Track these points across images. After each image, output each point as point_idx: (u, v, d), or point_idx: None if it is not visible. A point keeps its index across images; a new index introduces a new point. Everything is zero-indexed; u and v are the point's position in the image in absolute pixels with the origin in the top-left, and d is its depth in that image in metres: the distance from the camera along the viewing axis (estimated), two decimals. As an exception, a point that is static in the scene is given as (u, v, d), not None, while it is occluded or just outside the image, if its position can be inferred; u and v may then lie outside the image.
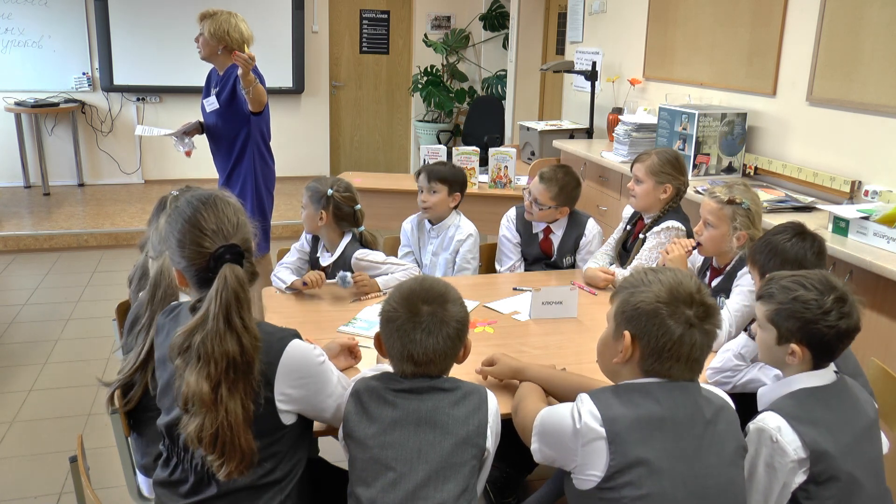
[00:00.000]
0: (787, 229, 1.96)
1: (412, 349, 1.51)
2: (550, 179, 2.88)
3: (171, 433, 1.55)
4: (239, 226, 1.54)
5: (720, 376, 1.94)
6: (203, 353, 1.43)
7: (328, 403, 1.58)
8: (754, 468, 1.54)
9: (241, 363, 1.44)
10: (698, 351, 1.43)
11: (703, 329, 1.43)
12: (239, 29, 3.55)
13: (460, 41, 8.08)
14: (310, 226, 2.77)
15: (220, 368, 1.42)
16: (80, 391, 3.40)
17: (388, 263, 2.70)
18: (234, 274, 1.46)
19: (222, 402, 1.42)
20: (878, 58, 3.00)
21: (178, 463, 1.58)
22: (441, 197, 2.97)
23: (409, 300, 1.54)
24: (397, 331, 1.53)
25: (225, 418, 1.42)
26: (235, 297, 1.45)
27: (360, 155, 8.44)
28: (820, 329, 1.55)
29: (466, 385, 1.56)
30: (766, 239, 1.97)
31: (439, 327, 1.52)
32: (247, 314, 1.46)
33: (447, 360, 1.57)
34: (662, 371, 1.44)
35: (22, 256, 5.45)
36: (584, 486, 1.42)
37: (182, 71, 7.24)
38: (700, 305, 1.43)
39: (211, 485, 1.53)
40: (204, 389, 1.42)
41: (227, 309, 1.44)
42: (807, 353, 1.58)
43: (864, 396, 1.65)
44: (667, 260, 2.39)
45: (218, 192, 1.59)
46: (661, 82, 4.69)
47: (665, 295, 1.43)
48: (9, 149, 6.91)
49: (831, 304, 1.55)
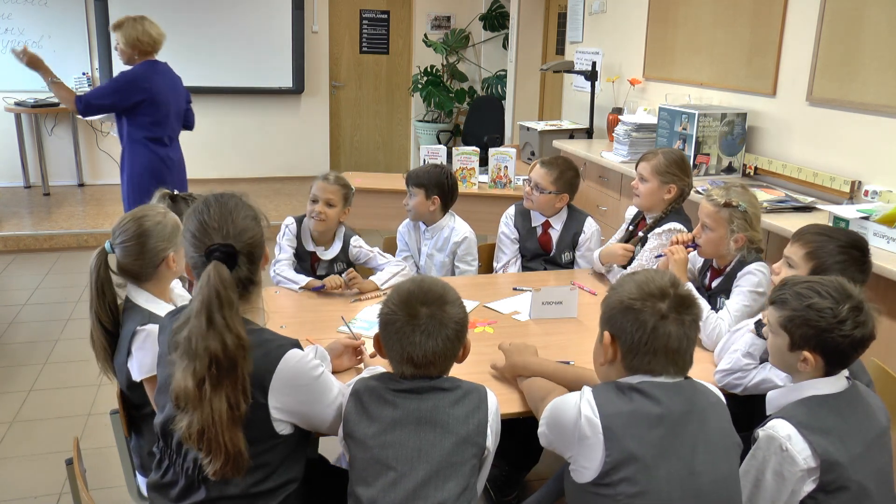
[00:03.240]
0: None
1: (411, 351, 1.51)
2: (551, 164, 2.92)
3: (165, 432, 1.56)
4: (244, 230, 1.55)
5: (731, 378, 1.92)
6: (188, 348, 1.44)
7: (325, 414, 1.58)
8: (762, 475, 1.53)
9: (224, 361, 1.43)
10: (676, 342, 1.44)
11: (678, 320, 1.44)
12: (148, 32, 3.92)
13: (460, 41, 8.08)
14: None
15: (203, 365, 1.42)
16: (80, 391, 3.40)
17: (376, 253, 2.82)
18: (217, 272, 1.46)
19: (207, 399, 1.42)
20: (878, 58, 3.00)
21: (169, 465, 1.58)
22: (419, 200, 2.96)
23: (407, 302, 1.53)
24: (396, 333, 1.52)
25: (210, 415, 1.42)
26: (216, 294, 1.44)
27: (360, 155, 8.44)
28: (834, 338, 1.53)
29: (466, 384, 1.57)
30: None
31: (438, 329, 1.51)
32: (229, 313, 1.45)
33: (447, 361, 1.56)
34: (643, 366, 1.45)
35: (22, 256, 5.45)
36: (581, 479, 1.44)
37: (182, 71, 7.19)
38: (673, 297, 1.45)
39: (200, 489, 1.53)
40: (189, 385, 1.43)
41: (208, 306, 1.43)
42: (819, 361, 1.57)
43: (876, 403, 1.63)
44: (671, 262, 2.38)
45: (238, 195, 1.61)
46: (661, 82, 4.69)
47: (635, 292, 1.46)
48: (9, 149, 6.91)
49: (847, 313, 1.53)
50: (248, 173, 7.77)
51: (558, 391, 1.72)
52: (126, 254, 1.92)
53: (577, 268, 2.99)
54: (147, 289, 1.96)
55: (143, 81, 3.90)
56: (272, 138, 7.82)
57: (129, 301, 1.95)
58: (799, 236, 1.95)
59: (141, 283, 1.96)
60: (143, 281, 1.96)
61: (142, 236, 1.92)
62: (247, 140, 7.72)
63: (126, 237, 1.92)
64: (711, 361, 2.08)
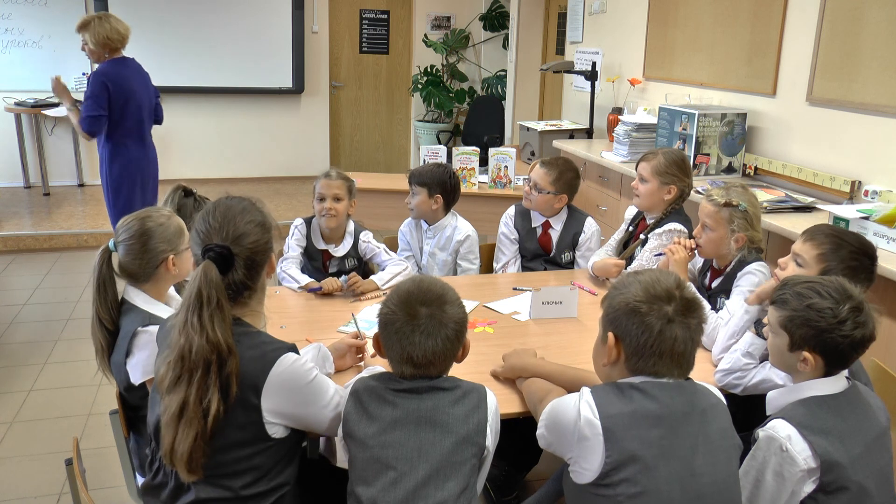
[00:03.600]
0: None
1: (411, 351, 1.51)
2: (551, 165, 2.92)
3: (157, 434, 1.57)
4: (246, 234, 1.55)
5: (731, 378, 1.92)
6: (172, 340, 1.48)
7: (321, 415, 1.59)
8: (762, 476, 1.53)
9: (188, 360, 1.44)
10: (681, 345, 1.44)
11: (683, 323, 1.43)
12: (116, 29, 3.89)
13: (460, 41, 8.08)
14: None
15: (175, 357, 1.45)
16: (80, 391, 3.40)
17: (381, 250, 2.84)
18: (204, 271, 1.47)
19: (179, 391, 1.44)
20: (878, 58, 3.00)
21: (159, 467, 1.59)
22: (421, 199, 2.97)
23: (406, 302, 1.53)
24: (396, 333, 1.52)
25: (166, 409, 1.46)
26: (198, 294, 1.45)
27: (360, 155, 8.44)
28: (834, 339, 1.53)
29: (465, 384, 1.57)
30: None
31: (438, 329, 1.51)
32: (208, 314, 1.44)
33: (446, 361, 1.56)
34: (647, 368, 1.45)
35: (22, 256, 5.45)
36: (581, 480, 1.43)
37: (182, 71, 7.25)
38: (679, 300, 1.44)
39: (190, 491, 1.53)
40: (167, 376, 1.46)
41: (188, 303, 1.46)
42: (819, 361, 1.57)
43: (876, 403, 1.62)
44: (672, 261, 2.38)
45: (251, 199, 1.62)
46: (661, 82, 4.69)
47: (642, 294, 1.45)
48: (9, 149, 6.91)
49: (847, 313, 1.52)
50: (248, 173, 7.77)
51: (557, 392, 1.72)
52: (126, 252, 1.94)
53: (578, 268, 2.99)
54: (145, 290, 1.97)
55: (123, 81, 3.91)
56: (272, 138, 7.82)
57: (126, 302, 1.95)
58: (812, 235, 1.91)
59: (139, 283, 1.97)
60: (141, 282, 1.97)
61: (143, 236, 1.93)
62: (247, 140, 7.72)
63: (128, 235, 1.93)
64: (710, 361, 2.08)
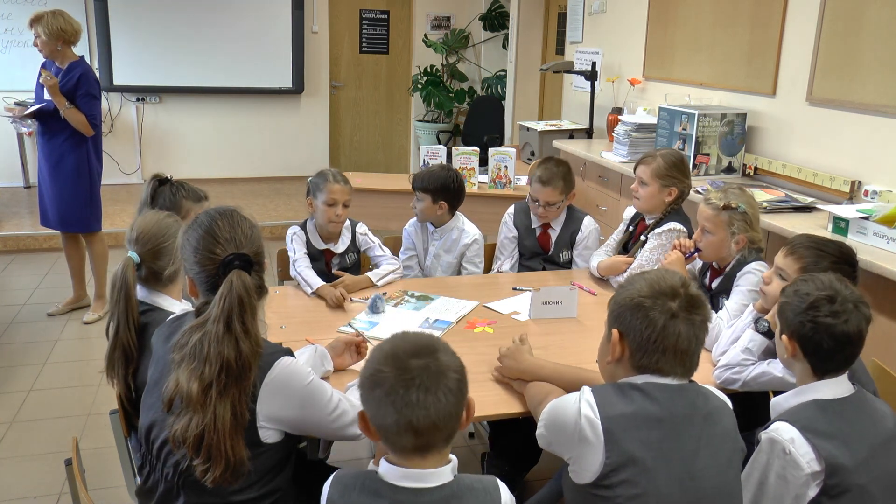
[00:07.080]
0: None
1: (410, 414, 1.21)
2: (551, 177, 2.88)
3: (148, 437, 1.56)
4: (252, 238, 1.58)
5: (729, 373, 1.93)
6: (198, 352, 1.45)
7: (320, 418, 1.58)
8: (766, 479, 1.52)
9: (235, 368, 1.45)
10: (685, 342, 1.43)
11: (688, 319, 1.43)
12: (69, 23, 3.94)
13: (460, 41, 8.08)
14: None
15: (212, 370, 1.44)
16: (79, 391, 3.40)
17: (376, 244, 2.90)
18: (240, 279, 1.50)
19: (211, 405, 1.44)
20: (878, 58, 3.00)
21: (150, 471, 1.59)
22: (426, 205, 2.96)
23: (394, 356, 1.26)
24: (388, 395, 1.23)
25: (213, 422, 1.43)
26: (239, 301, 1.47)
27: (360, 155, 8.44)
28: (804, 324, 1.55)
29: (469, 480, 1.32)
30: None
31: (437, 380, 1.24)
32: (249, 319, 1.49)
33: (452, 423, 1.27)
34: (651, 365, 1.45)
35: (22, 256, 5.44)
36: (580, 480, 1.43)
37: (182, 71, 7.25)
38: (684, 297, 1.44)
39: (179, 496, 1.53)
40: (193, 389, 1.44)
41: (229, 313, 1.47)
42: (796, 349, 1.58)
43: (884, 408, 1.61)
44: (665, 265, 2.39)
45: (235, 208, 1.64)
46: (661, 82, 4.69)
47: (646, 289, 1.45)
48: (9, 149, 6.91)
49: (820, 301, 1.55)
50: (248, 173, 7.76)
51: (556, 392, 1.72)
52: (163, 254, 1.94)
53: (575, 267, 2.99)
54: (168, 292, 1.99)
55: (95, 76, 4.04)
56: (272, 138, 7.82)
57: (145, 304, 1.93)
58: (793, 249, 1.93)
59: (163, 286, 1.98)
60: (165, 284, 1.98)
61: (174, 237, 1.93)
62: (247, 140, 7.72)
63: (163, 239, 1.94)
64: (710, 361, 2.08)
